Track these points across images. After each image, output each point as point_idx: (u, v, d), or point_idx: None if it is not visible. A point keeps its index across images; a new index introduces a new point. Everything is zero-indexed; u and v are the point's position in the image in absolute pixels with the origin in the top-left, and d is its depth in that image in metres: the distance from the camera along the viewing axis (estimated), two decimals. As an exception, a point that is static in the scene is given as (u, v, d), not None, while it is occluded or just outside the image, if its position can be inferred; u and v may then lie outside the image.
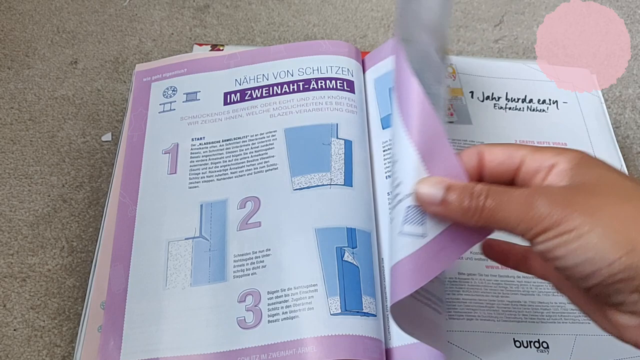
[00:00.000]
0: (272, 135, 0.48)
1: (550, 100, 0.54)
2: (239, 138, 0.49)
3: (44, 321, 0.47)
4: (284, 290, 0.41)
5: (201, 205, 0.46)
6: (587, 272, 0.25)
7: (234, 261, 0.43)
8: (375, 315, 0.40)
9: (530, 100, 0.53)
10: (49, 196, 0.53)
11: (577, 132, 0.52)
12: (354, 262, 0.41)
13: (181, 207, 0.46)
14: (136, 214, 0.46)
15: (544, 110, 0.53)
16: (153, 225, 0.45)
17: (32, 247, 0.50)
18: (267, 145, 0.48)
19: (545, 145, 0.51)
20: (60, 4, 0.68)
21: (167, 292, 0.42)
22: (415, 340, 0.36)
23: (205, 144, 0.49)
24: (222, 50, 0.58)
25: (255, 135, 0.49)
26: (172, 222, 0.45)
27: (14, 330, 0.46)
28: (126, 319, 0.41)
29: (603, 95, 0.55)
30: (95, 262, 0.44)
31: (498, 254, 0.35)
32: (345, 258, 0.41)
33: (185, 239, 0.44)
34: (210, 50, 0.58)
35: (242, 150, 0.48)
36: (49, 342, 0.46)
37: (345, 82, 0.50)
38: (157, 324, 0.41)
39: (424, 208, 0.29)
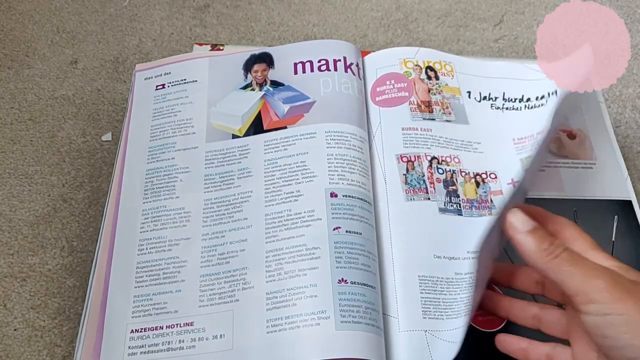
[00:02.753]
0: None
1: (549, 94, 0.54)
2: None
3: (44, 321, 0.47)
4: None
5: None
6: (628, 356, 0.29)
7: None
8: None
9: (528, 100, 0.53)
10: (49, 196, 0.53)
11: (577, 132, 0.52)
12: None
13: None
14: (136, 214, 0.46)
15: (542, 105, 0.53)
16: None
17: (32, 247, 0.50)
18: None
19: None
20: (60, 4, 0.68)
21: None
22: None
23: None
24: (222, 50, 0.58)
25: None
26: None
27: (15, 330, 0.46)
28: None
29: (603, 95, 0.55)
30: (96, 262, 0.44)
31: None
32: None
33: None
34: (210, 50, 0.58)
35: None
36: (49, 342, 0.46)
37: None
38: None
39: (507, 233, 0.33)
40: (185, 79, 0.53)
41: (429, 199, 0.46)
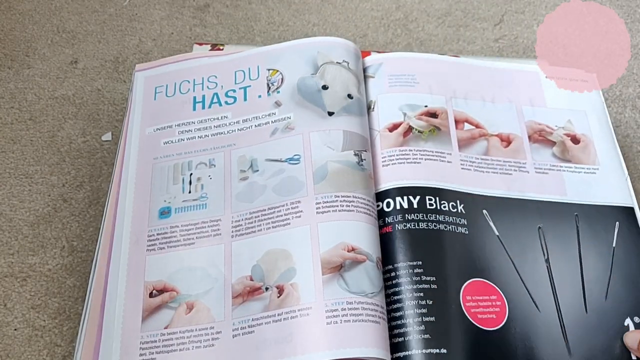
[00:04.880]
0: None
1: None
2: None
3: (44, 321, 0.47)
4: None
5: None
6: None
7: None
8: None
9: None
10: (50, 196, 0.53)
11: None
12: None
13: None
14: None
15: None
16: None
17: (32, 247, 0.50)
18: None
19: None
20: (60, 3, 0.68)
21: None
22: None
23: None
24: (222, 49, 0.58)
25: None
26: None
27: (15, 329, 0.46)
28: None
29: (603, 95, 0.55)
30: (96, 262, 0.44)
31: None
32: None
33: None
34: (210, 49, 0.58)
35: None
36: (49, 341, 0.46)
37: None
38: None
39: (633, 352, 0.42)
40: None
41: None
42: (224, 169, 0.47)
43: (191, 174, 0.47)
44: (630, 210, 0.48)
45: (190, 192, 0.46)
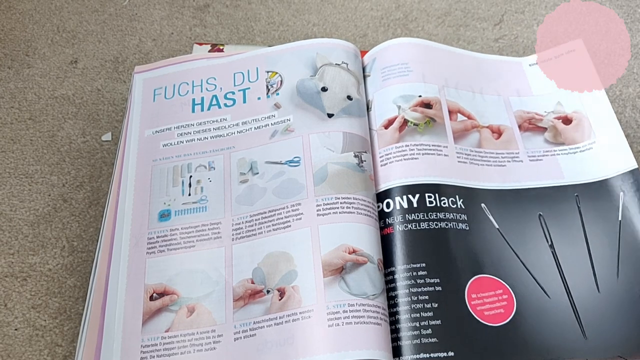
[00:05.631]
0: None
1: None
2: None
3: (45, 321, 0.47)
4: None
5: None
6: None
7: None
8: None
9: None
10: (50, 196, 0.53)
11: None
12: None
13: None
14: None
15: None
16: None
17: (32, 247, 0.50)
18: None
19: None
20: (60, 3, 0.68)
21: None
22: None
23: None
24: (222, 49, 0.58)
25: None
26: None
27: (15, 329, 0.46)
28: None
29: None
30: (96, 262, 0.44)
31: None
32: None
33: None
34: (210, 50, 0.58)
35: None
36: (50, 341, 0.46)
37: None
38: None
39: None
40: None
41: None
42: (223, 172, 0.47)
43: (191, 177, 0.47)
44: (635, 172, 0.47)
45: (190, 194, 0.46)
